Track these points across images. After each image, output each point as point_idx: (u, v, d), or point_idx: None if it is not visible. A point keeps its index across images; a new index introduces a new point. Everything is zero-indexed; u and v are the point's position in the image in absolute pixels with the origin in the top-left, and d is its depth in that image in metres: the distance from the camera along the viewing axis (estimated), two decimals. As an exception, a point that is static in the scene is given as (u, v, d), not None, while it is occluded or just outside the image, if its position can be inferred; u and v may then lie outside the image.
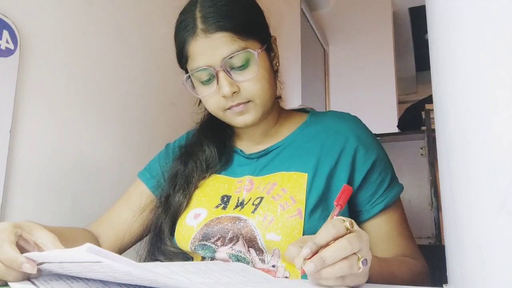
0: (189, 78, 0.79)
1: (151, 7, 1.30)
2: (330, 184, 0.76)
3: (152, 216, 0.86)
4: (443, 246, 0.54)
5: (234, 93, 0.75)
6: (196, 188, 0.84)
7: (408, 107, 2.97)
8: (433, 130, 2.39)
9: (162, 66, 1.32)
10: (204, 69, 0.75)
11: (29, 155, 0.89)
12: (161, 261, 0.80)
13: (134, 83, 1.22)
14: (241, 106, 0.76)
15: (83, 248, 0.38)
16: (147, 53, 1.27)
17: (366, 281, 0.59)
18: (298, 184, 0.75)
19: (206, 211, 0.78)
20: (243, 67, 0.74)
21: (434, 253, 0.79)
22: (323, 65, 3.63)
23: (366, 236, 0.55)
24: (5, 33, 0.84)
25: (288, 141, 0.84)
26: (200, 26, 0.73)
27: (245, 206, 0.76)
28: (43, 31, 0.94)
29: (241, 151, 0.87)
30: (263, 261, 0.72)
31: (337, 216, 0.57)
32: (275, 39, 0.84)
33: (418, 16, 3.85)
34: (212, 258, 0.75)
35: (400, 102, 3.69)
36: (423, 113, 2.48)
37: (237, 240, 0.73)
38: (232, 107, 0.76)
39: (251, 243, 0.72)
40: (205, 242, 0.75)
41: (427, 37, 0.58)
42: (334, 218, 0.55)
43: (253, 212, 0.74)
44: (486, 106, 0.34)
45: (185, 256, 0.80)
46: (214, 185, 0.83)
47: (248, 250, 0.72)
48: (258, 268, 0.71)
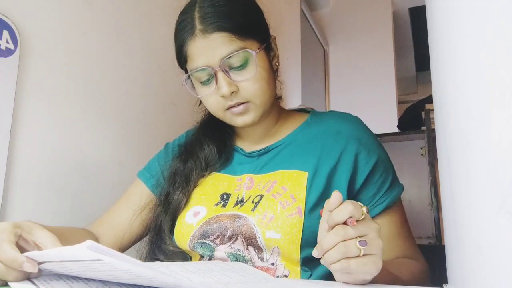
0: (189, 78, 0.80)
1: (151, 7, 1.30)
2: (330, 183, 0.76)
3: (152, 215, 0.86)
4: (443, 246, 0.54)
5: (233, 93, 0.75)
6: (196, 186, 0.84)
7: (408, 107, 2.97)
8: (433, 130, 2.39)
9: (162, 66, 1.32)
10: (203, 69, 0.75)
11: (29, 155, 0.89)
12: (161, 261, 0.80)
13: (134, 83, 1.22)
14: (241, 107, 0.76)
15: (84, 246, 0.38)
16: (147, 53, 1.27)
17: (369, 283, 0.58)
18: (298, 183, 0.75)
19: (206, 209, 0.78)
20: (242, 67, 0.74)
21: (434, 253, 0.79)
22: (323, 65, 3.63)
23: (375, 225, 0.55)
24: (5, 33, 0.84)
25: (289, 140, 0.84)
26: (199, 27, 0.74)
27: (245, 204, 0.76)
28: (43, 31, 0.94)
29: (242, 150, 0.87)
30: (262, 259, 0.72)
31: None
32: (275, 39, 0.84)
33: (418, 16, 3.85)
34: (211, 257, 0.75)
35: (400, 102, 3.69)
36: (423, 113, 2.48)
37: (236, 238, 0.73)
38: (232, 108, 0.76)
39: (250, 241, 0.72)
40: (204, 240, 0.75)
41: (427, 37, 0.58)
42: (356, 203, 0.55)
43: (253, 210, 0.74)
44: (486, 106, 0.34)
45: (185, 256, 0.80)
46: (214, 183, 0.83)
47: (247, 248, 0.72)
48: (257, 267, 0.72)
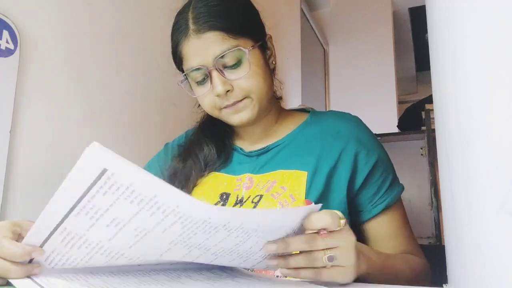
0: (186, 79, 0.80)
1: (151, 7, 1.30)
2: (330, 183, 0.76)
3: None
4: (443, 246, 0.54)
5: (228, 92, 0.75)
6: (195, 186, 0.84)
7: (408, 107, 2.97)
8: (433, 130, 2.39)
9: (162, 66, 1.32)
10: (198, 69, 0.75)
11: (29, 155, 0.89)
12: None
13: (134, 83, 1.22)
14: (237, 104, 0.76)
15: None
16: (147, 53, 1.27)
17: (368, 279, 0.58)
18: (298, 182, 0.75)
19: None
20: (236, 66, 0.74)
21: (434, 253, 0.79)
22: (323, 65, 3.63)
23: (351, 237, 0.54)
24: (5, 33, 0.84)
25: (288, 140, 0.84)
26: (192, 27, 0.74)
27: (244, 204, 0.76)
28: (43, 31, 0.94)
29: (241, 149, 0.87)
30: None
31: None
32: (271, 38, 0.84)
33: (418, 16, 3.85)
34: None
35: (400, 102, 3.69)
36: (423, 113, 2.48)
37: None
38: (228, 106, 0.77)
39: None
40: None
41: (427, 37, 0.58)
42: (334, 210, 0.54)
43: None
44: (486, 106, 0.34)
45: None
46: (213, 183, 0.83)
47: None
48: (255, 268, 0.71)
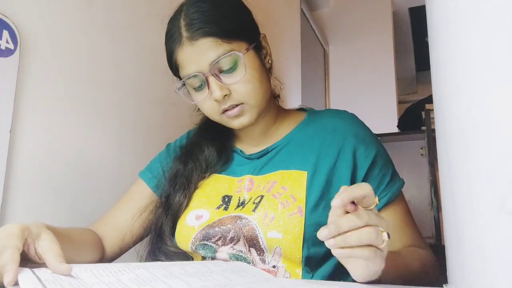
0: (184, 86, 0.80)
1: (151, 7, 1.30)
2: (331, 182, 0.76)
3: (153, 217, 0.86)
4: (443, 246, 0.54)
5: (226, 96, 0.75)
6: (197, 188, 0.84)
7: (408, 107, 2.97)
8: (433, 130, 2.39)
9: (162, 66, 1.32)
10: (194, 76, 0.75)
11: (29, 155, 0.89)
12: (162, 261, 0.80)
13: (134, 83, 1.22)
14: (236, 110, 0.76)
15: None
16: (147, 53, 1.27)
17: (381, 281, 0.58)
18: (298, 182, 0.75)
19: (208, 213, 0.78)
20: (232, 70, 0.75)
21: (434, 253, 0.79)
22: (323, 65, 3.63)
23: (387, 222, 0.54)
24: (5, 33, 0.84)
25: (287, 140, 0.84)
26: (185, 34, 0.74)
27: (246, 205, 0.76)
28: (43, 31, 0.94)
29: (241, 151, 0.87)
30: (264, 261, 0.72)
31: None
32: (265, 37, 0.84)
33: (418, 16, 3.85)
34: (213, 258, 0.75)
35: (400, 102, 3.69)
36: (423, 113, 2.48)
37: (238, 240, 0.73)
38: (227, 111, 0.77)
39: (252, 242, 0.72)
40: (206, 242, 0.75)
41: (427, 38, 0.58)
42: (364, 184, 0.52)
43: (254, 211, 0.74)
44: (486, 106, 0.34)
45: (186, 256, 0.80)
46: (215, 185, 0.83)
47: (249, 250, 0.72)
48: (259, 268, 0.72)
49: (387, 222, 0.53)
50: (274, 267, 0.71)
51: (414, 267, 0.68)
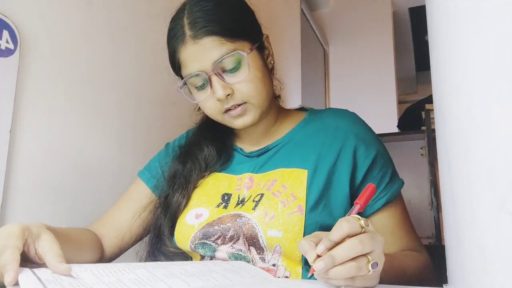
0: (185, 85, 0.80)
1: (151, 7, 1.30)
2: (331, 181, 0.76)
3: (152, 217, 0.86)
4: (443, 246, 0.54)
5: (228, 96, 0.75)
6: (196, 187, 0.84)
7: (408, 107, 2.97)
8: (433, 130, 2.39)
9: (162, 66, 1.32)
10: (197, 75, 0.75)
11: (29, 155, 0.89)
12: (161, 261, 0.80)
13: (134, 83, 1.22)
14: (238, 109, 0.76)
15: None
16: (147, 53, 1.27)
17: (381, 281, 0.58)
18: (298, 181, 0.75)
19: (208, 212, 0.78)
20: (235, 69, 0.74)
21: (434, 253, 0.79)
22: (323, 65, 3.63)
23: (381, 238, 0.53)
24: (5, 33, 0.84)
25: (287, 139, 0.84)
26: (188, 33, 0.74)
27: (246, 203, 0.76)
28: (43, 31, 0.94)
29: (241, 150, 0.87)
30: (264, 260, 0.72)
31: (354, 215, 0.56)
32: (267, 37, 0.84)
33: (418, 16, 3.85)
34: (212, 257, 0.75)
35: (400, 102, 3.69)
36: (423, 113, 2.48)
37: (238, 239, 0.73)
38: (229, 111, 0.77)
39: (252, 241, 0.72)
40: (205, 241, 0.75)
41: (427, 38, 0.58)
42: (351, 217, 0.54)
43: (254, 209, 0.74)
44: (486, 106, 0.34)
45: (185, 256, 0.80)
46: (214, 184, 0.83)
47: (249, 249, 0.72)
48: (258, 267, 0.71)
49: (382, 240, 0.54)
50: (274, 266, 0.71)
51: (410, 271, 0.69)
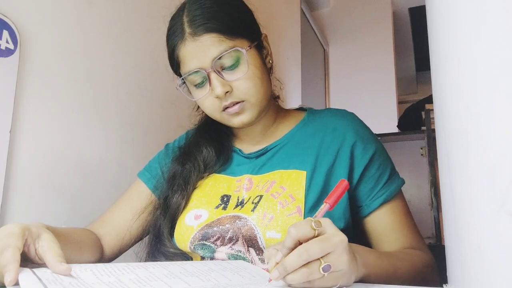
0: (184, 83, 0.80)
1: (151, 7, 1.30)
2: (329, 182, 0.76)
3: (151, 218, 0.86)
4: (443, 246, 0.54)
5: (227, 93, 0.75)
6: (195, 188, 0.84)
7: (408, 107, 2.97)
8: (433, 130, 2.39)
9: (162, 66, 1.32)
10: (196, 72, 0.75)
11: (29, 155, 0.89)
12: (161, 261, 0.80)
13: (134, 83, 1.22)
14: (236, 107, 0.76)
15: None
16: (147, 53, 1.27)
17: (368, 279, 0.58)
18: (297, 182, 0.75)
19: (207, 213, 0.78)
20: (234, 67, 0.74)
21: (434, 253, 0.78)
22: (323, 65, 3.63)
23: (339, 238, 0.52)
24: (5, 33, 0.84)
25: (286, 140, 0.84)
26: (188, 30, 0.74)
27: (245, 205, 0.76)
28: (43, 31, 0.94)
29: (240, 151, 0.87)
30: (263, 261, 0.72)
31: (322, 216, 0.56)
32: (266, 37, 0.84)
33: (418, 16, 3.85)
34: (212, 258, 0.75)
35: (400, 102, 3.69)
36: (423, 113, 2.48)
37: (237, 240, 0.73)
38: (228, 108, 0.77)
39: (251, 242, 0.72)
40: (205, 242, 0.75)
41: (427, 37, 0.58)
42: (304, 220, 0.53)
43: (253, 211, 0.74)
44: (486, 106, 0.34)
45: (185, 257, 0.80)
46: (214, 185, 0.83)
47: (248, 250, 0.72)
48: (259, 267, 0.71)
49: (340, 240, 0.52)
50: None
51: (404, 268, 0.68)
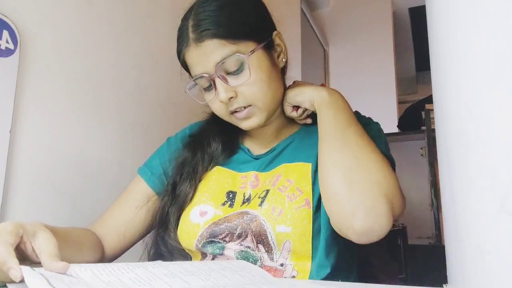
0: (195, 85, 0.80)
1: (151, 7, 1.30)
2: None
3: (157, 206, 0.85)
4: (443, 246, 0.54)
5: (232, 98, 0.74)
6: (201, 180, 0.84)
7: (408, 107, 2.97)
8: (433, 130, 2.39)
9: (162, 66, 1.32)
10: (201, 77, 0.75)
11: (29, 155, 0.89)
12: (163, 255, 0.80)
13: (134, 83, 1.22)
14: (244, 112, 0.76)
15: None
16: (147, 53, 1.27)
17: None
18: (303, 175, 0.76)
19: (213, 210, 0.78)
20: (239, 71, 0.73)
21: (434, 253, 0.78)
22: (323, 65, 3.63)
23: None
24: (5, 33, 0.84)
25: (292, 138, 0.85)
26: (191, 36, 0.74)
27: (252, 201, 0.76)
28: (43, 31, 0.94)
29: (249, 150, 0.87)
30: (272, 259, 0.71)
31: None
32: (279, 34, 0.82)
33: (418, 16, 3.84)
34: (221, 255, 0.75)
35: (400, 102, 3.68)
36: (423, 113, 2.48)
37: (246, 236, 0.73)
38: (236, 113, 0.77)
39: (260, 238, 0.71)
40: (213, 239, 0.75)
41: (427, 37, 0.58)
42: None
43: (260, 205, 0.74)
44: (486, 106, 0.34)
45: (183, 255, 0.80)
46: (218, 179, 0.83)
47: (257, 246, 0.72)
48: (266, 266, 0.71)
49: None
50: (282, 265, 0.71)
51: (358, 144, 0.69)
